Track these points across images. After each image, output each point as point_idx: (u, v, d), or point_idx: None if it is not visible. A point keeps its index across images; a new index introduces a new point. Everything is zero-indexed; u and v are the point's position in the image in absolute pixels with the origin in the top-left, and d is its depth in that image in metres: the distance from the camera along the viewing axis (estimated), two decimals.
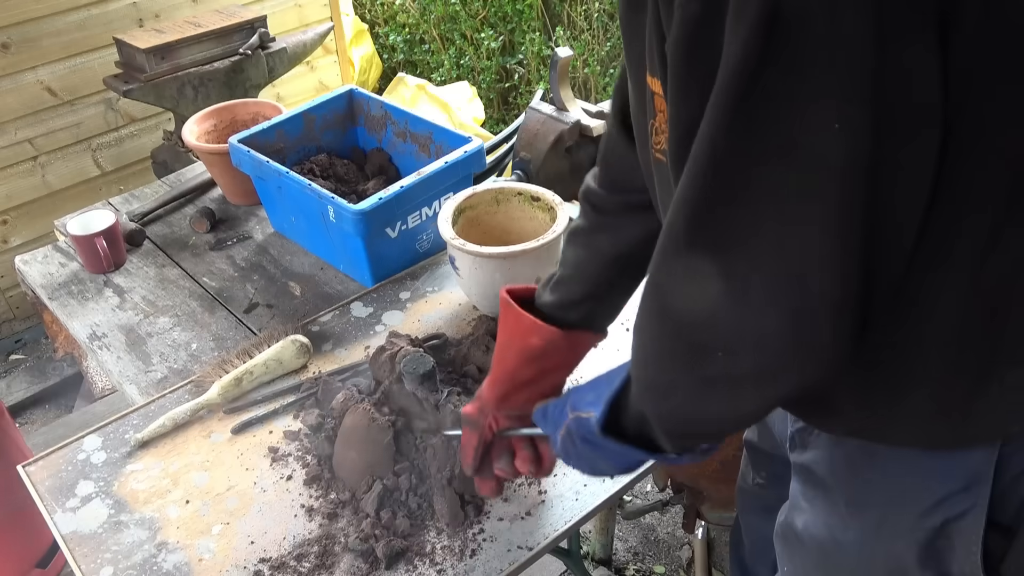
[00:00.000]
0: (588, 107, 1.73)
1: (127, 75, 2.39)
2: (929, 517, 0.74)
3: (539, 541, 1.03)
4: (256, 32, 2.50)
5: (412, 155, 1.71)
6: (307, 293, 1.53)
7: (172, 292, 1.55)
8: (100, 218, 1.60)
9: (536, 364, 0.92)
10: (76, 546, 1.05)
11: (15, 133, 2.52)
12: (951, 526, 0.73)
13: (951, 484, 0.72)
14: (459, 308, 1.42)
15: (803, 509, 0.87)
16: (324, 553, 1.02)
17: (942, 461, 0.72)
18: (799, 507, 0.87)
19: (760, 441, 1.16)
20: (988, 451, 0.70)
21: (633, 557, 2.01)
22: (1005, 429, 0.69)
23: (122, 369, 1.37)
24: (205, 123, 1.81)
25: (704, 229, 0.59)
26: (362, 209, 1.36)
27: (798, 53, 0.50)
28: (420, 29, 3.94)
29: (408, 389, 1.09)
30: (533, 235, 1.33)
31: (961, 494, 0.72)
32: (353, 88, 1.79)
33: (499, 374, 0.94)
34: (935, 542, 0.75)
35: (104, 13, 2.57)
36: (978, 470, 0.70)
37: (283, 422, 1.21)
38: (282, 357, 1.29)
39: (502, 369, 0.94)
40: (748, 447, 1.20)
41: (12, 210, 2.61)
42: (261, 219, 1.74)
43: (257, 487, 1.11)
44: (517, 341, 0.92)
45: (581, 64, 3.52)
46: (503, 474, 0.98)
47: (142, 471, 1.15)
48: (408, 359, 1.09)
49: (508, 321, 0.93)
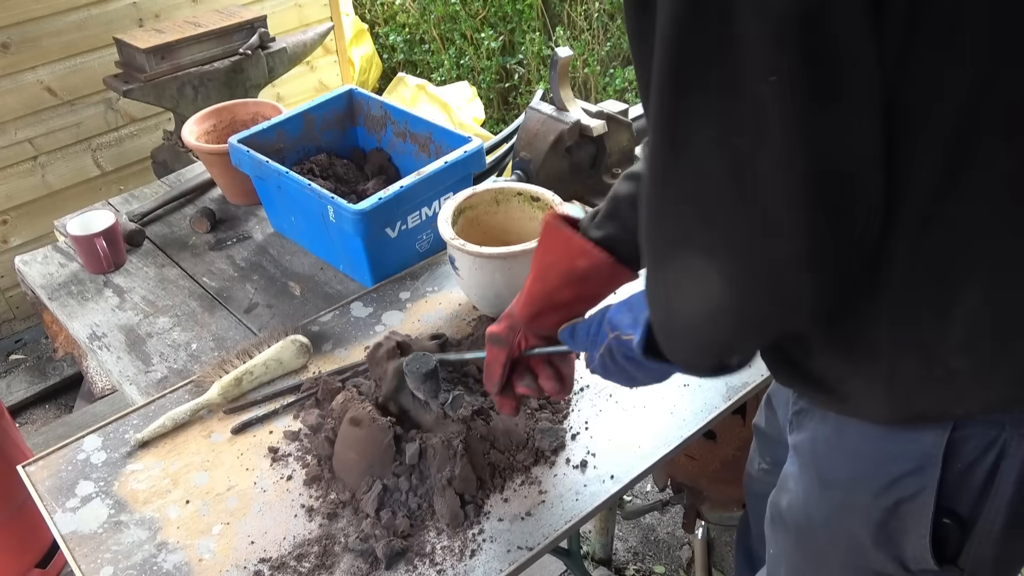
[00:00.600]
0: (588, 107, 1.73)
1: (127, 75, 2.39)
2: (883, 496, 0.77)
3: (539, 541, 1.03)
4: (256, 32, 2.50)
5: (412, 155, 1.71)
6: (307, 293, 1.53)
7: (172, 292, 1.55)
8: (100, 218, 1.60)
9: (576, 287, 0.94)
10: (76, 546, 1.05)
11: (15, 133, 2.52)
12: (903, 507, 0.76)
13: (903, 464, 0.75)
14: (459, 308, 1.42)
15: (788, 490, 0.90)
16: (324, 553, 1.02)
17: (896, 442, 0.75)
18: (786, 487, 0.90)
19: (767, 426, 1.18)
20: (938, 433, 0.72)
21: (633, 557, 2.01)
22: (950, 411, 0.71)
23: (122, 369, 1.37)
24: (205, 123, 1.81)
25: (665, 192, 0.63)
26: (362, 209, 1.36)
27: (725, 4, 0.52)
28: (420, 29, 3.94)
29: (410, 388, 1.09)
30: (533, 235, 1.32)
31: (913, 475, 0.74)
32: (353, 88, 1.79)
33: (537, 293, 0.95)
34: (888, 523, 0.77)
35: (104, 13, 2.57)
36: (928, 452, 0.73)
37: (283, 422, 1.21)
38: (282, 357, 1.29)
39: (541, 288, 0.95)
40: (757, 432, 1.22)
41: (12, 210, 2.61)
42: (261, 219, 1.74)
43: (257, 487, 1.11)
44: (563, 262, 0.93)
45: (581, 64, 3.52)
46: (527, 391, 0.99)
47: (142, 471, 1.15)
48: (410, 358, 1.09)
49: (556, 242, 0.94)
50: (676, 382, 1.24)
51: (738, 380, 1.24)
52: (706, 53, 0.54)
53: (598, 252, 0.92)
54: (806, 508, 0.86)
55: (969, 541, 0.75)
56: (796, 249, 0.57)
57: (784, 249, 0.58)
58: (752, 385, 1.23)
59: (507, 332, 0.97)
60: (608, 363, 0.86)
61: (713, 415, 1.19)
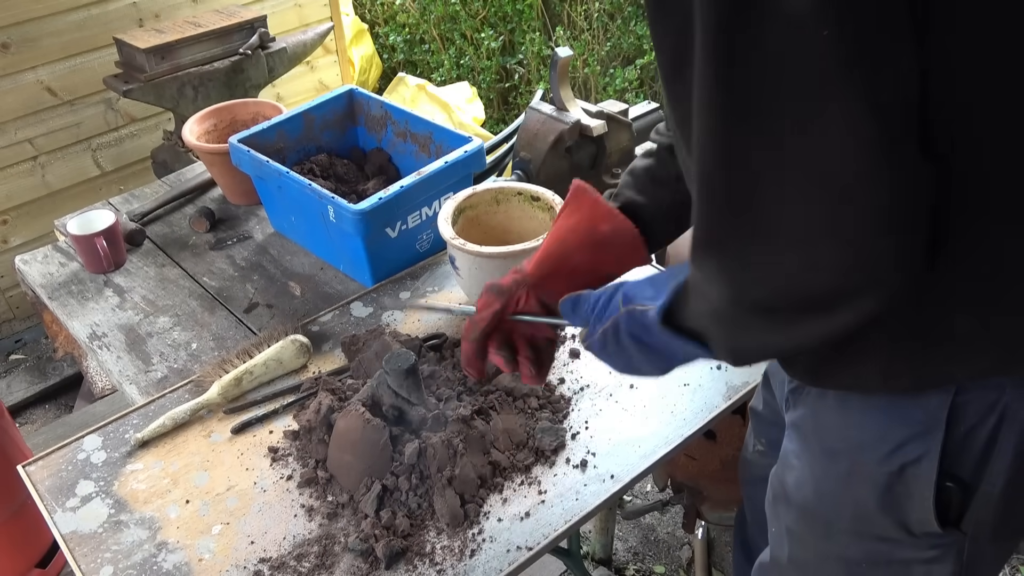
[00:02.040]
0: (588, 107, 1.73)
1: (127, 75, 2.39)
2: (887, 462, 0.77)
3: (539, 541, 1.03)
4: (256, 32, 2.50)
5: (412, 155, 1.71)
6: (307, 293, 1.53)
7: (172, 292, 1.55)
8: (100, 218, 1.60)
9: (594, 252, 0.92)
10: (76, 546, 1.05)
11: (15, 133, 2.52)
12: (908, 471, 0.76)
13: (907, 430, 0.75)
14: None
15: (792, 467, 0.89)
16: (324, 553, 1.02)
17: (900, 408, 0.75)
18: (789, 465, 0.90)
19: (764, 408, 1.17)
20: (941, 397, 0.72)
21: (633, 557, 2.01)
22: (953, 375, 0.71)
23: (122, 369, 1.37)
24: (205, 123, 1.81)
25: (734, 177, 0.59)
26: (362, 209, 1.36)
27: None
28: (420, 29, 3.94)
29: (392, 387, 1.09)
30: (533, 235, 1.33)
31: (916, 440, 0.75)
32: (353, 88, 1.79)
33: (553, 252, 0.93)
34: (894, 487, 0.78)
35: (104, 13, 2.57)
36: (932, 415, 0.73)
37: (283, 422, 1.21)
38: (282, 357, 1.29)
39: (559, 248, 0.93)
40: (753, 415, 1.21)
41: (12, 210, 2.61)
42: (261, 219, 1.74)
43: (257, 487, 1.11)
44: (586, 223, 0.92)
45: (581, 64, 3.52)
46: (500, 362, 0.93)
47: (142, 471, 1.15)
48: (389, 355, 1.08)
49: (582, 205, 0.94)
50: (676, 381, 1.24)
51: (738, 380, 1.24)
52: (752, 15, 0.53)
53: (623, 218, 0.92)
54: (812, 481, 0.86)
55: (971, 504, 0.76)
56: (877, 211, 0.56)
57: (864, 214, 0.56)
58: (752, 385, 1.23)
59: (511, 283, 0.93)
60: (609, 339, 0.81)
61: (713, 415, 1.19)
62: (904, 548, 0.81)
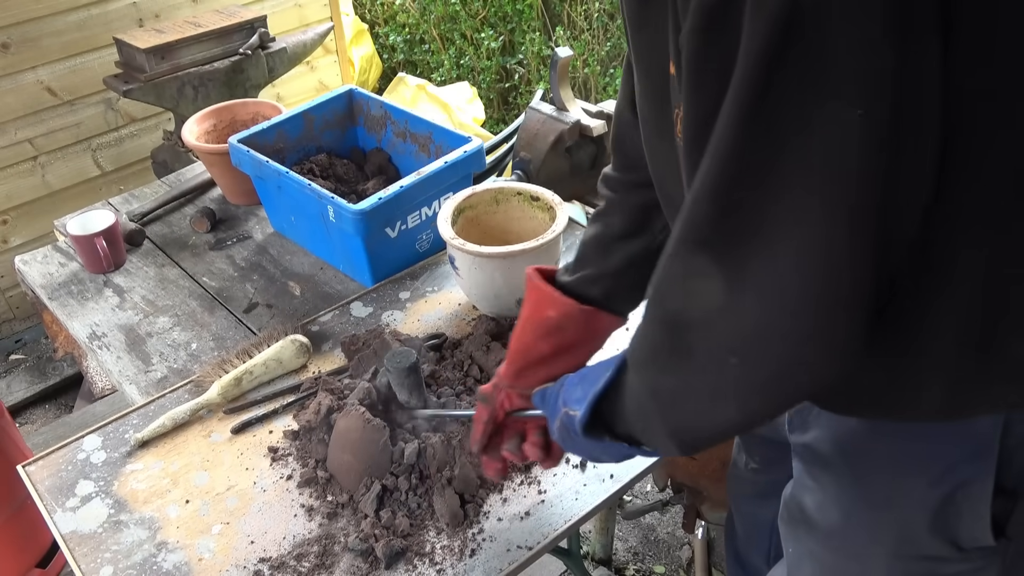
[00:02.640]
0: (588, 107, 1.73)
1: (127, 75, 2.39)
2: (939, 485, 0.75)
3: (539, 541, 1.03)
4: (256, 32, 2.50)
5: (412, 155, 1.71)
6: (307, 293, 1.53)
7: (172, 292, 1.55)
8: (100, 218, 1.60)
9: (551, 339, 0.92)
10: (76, 546, 1.05)
11: (15, 133, 2.52)
12: (959, 493, 0.74)
13: (959, 451, 0.73)
14: (459, 308, 1.42)
15: (812, 489, 0.87)
16: (324, 553, 1.02)
17: (949, 430, 0.73)
18: (807, 486, 0.88)
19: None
20: (994, 418, 0.71)
21: (633, 557, 2.01)
22: (1007, 399, 0.70)
23: (122, 369, 1.38)
24: (205, 123, 1.81)
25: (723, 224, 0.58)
26: (362, 209, 1.36)
27: (817, 47, 0.50)
28: (420, 29, 3.94)
29: (393, 386, 1.09)
30: (533, 235, 1.33)
31: (970, 460, 0.73)
32: (353, 88, 1.79)
33: (515, 348, 0.94)
34: (945, 509, 0.76)
35: (104, 13, 2.57)
36: (985, 437, 0.72)
37: (283, 422, 1.21)
38: (282, 357, 1.29)
39: (519, 343, 0.94)
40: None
41: (12, 210, 2.61)
42: (261, 219, 1.74)
43: (257, 487, 1.11)
44: (535, 313, 0.92)
45: (581, 64, 3.52)
46: (510, 456, 0.96)
47: (142, 471, 1.15)
48: (390, 354, 1.08)
49: (529, 296, 0.94)
50: None
51: None
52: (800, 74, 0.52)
53: (564, 300, 0.90)
54: (839, 505, 0.84)
55: (1016, 511, 0.74)
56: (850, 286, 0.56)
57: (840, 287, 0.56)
58: None
59: (491, 389, 0.95)
60: (565, 436, 0.82)
61: None
62: (951, 564, 0.79)
